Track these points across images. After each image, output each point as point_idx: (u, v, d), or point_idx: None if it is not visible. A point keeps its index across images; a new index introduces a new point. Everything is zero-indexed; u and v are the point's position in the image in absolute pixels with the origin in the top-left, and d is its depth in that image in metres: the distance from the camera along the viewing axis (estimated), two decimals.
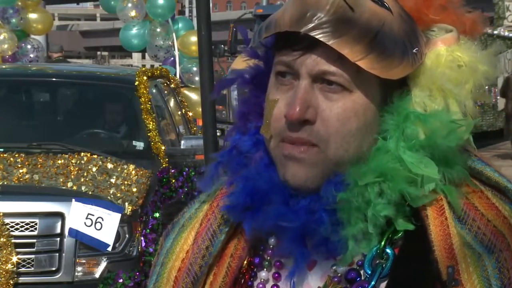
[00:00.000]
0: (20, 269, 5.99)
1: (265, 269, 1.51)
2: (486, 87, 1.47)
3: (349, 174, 1.42)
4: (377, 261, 1.42)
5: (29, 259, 6.04)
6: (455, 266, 1.38)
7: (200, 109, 6.13)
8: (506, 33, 21.62)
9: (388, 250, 1.42)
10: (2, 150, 6.79)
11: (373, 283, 1.41)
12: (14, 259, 5.95)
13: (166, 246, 1.60)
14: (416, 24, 1.47)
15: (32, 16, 12.92)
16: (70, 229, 6.04)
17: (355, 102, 1.41)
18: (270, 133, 1.45)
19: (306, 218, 1.42)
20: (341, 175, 1.42)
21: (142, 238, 6.26)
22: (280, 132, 1.43)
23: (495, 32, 21.15)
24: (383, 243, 1.42)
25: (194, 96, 10.86)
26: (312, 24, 1.38)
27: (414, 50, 1.43)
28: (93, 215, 6.06)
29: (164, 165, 6.97)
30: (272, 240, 1.50)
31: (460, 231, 1.40)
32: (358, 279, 1.43)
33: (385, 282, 1.41)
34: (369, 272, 1.42)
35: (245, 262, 1.53)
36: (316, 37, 1.38)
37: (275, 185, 1.46)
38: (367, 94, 1.42)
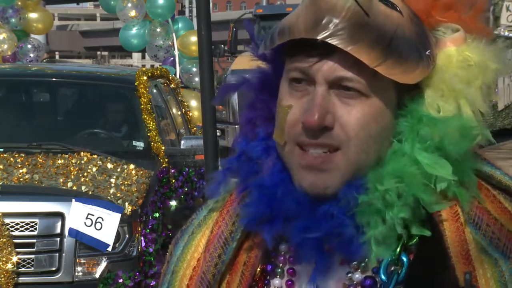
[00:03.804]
0: (20, 269, 5.99)
1: (278, 276, 1.49)
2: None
3: (368, 178, 1.40)
4: (392, 268, 1.41)
5: (29, 259, 6.03)
6: (473, 272, 1.37)
7: (199, 115, 6.11)
8: (506, 33, 21.62)
9: (403, 257, 1.41)
10: (2, 150, 6.78)
11: None
12: (14, 259, 5.95)
13: (176, 254, 1.58)
14: (424, 25, 1.46)
15: (33, 15, 12.93)
16: (70, 229, 6.03)
17: (372, 106, 1.40)
18: (284, 139, 1.43)
19: (329, 224, 1.40)
20: (359, 179, 1.40)
21: (142, 238, 6.26)
22: (295, 138, 1.41)
23: (495, 32, 21.15)
24: (398, 249, 1.40)
25: (194, 103, 10.82)
26: (329, 32, 1.36)
27: (427, 53, 1.42)
28: (93, 215, 6.06)
29: (164, 165, 6.97)
30: (283, 246, 1.49)
31: (475, 236, 1.39)
32: (374, 286, 1.41)
33: None
34: (385, 279, 1.40)
35: (258, 269, 1.51)
36: (334, 44, 1.36)
37: (291, 192, 1.43)
38: (384, 98, 1.41)
